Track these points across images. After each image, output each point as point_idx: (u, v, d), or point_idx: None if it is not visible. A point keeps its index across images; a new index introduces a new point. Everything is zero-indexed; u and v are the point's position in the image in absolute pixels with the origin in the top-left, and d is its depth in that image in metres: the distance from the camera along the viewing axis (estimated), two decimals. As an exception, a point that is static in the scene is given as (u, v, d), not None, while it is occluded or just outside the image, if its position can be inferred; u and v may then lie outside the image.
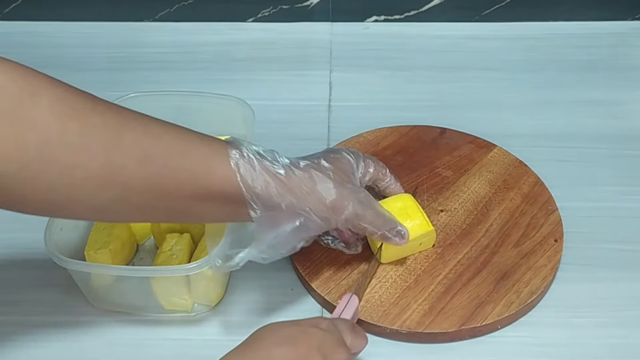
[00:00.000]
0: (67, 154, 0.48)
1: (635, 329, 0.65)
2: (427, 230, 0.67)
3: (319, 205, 0.58)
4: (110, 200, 0.51)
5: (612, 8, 1.02)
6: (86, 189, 0.49)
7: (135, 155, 0.50)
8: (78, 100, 0.49)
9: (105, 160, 0.49)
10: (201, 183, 0.53)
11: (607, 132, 0.85)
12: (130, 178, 0.50)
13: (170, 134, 0.53)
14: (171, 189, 0.52)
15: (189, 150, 0.53)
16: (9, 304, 0.68)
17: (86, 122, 0.49)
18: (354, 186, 0.61)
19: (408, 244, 0.67)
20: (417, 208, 0.68)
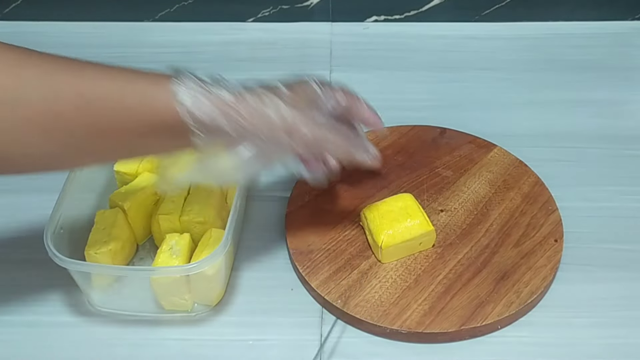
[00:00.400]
0: (6, 110, 0.48)
1: (635, 329, 0.65)
2: (427, 229, 0.67)
3: (272, 131, 0.55)
4: (55, 148, 0.51)
5: (612, 8, 1.02)
6: (31, 141, 0.50)
7: (73, 100, 0.50)
8: (10, 55, 0.49)
9: (44, 109, 0.49)
10: (142, 119, 0.52)
11: (607, 132, 0.85)
12: (71, 123, 0.50)
13: (107, 75, 0.52)
14: (114, 130, 0.52)
15: (127, 88, 0.52)
16: (10, 304, 0.68)
17: (20, 75, 0.49)
18: (316, 116, 0.58)
19: (408, 244, 0.67)
20: (418, 207, 0.68)
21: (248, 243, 0.73)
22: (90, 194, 0.73)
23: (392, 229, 0.67)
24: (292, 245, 0.70)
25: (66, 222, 0.65)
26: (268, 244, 0.73)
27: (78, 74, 0.51)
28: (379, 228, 0.67)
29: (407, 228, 0.67)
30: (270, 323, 0.66)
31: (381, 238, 0.67)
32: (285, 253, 0.71)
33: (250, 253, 0.72)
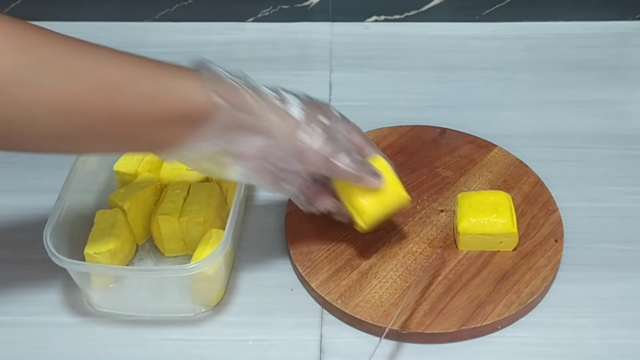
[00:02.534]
0: (23, 88, 0.48)
1: (635, 329, 0.65)
2: (510, 231, 0.67)
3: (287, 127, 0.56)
4: (69, 130, 0.51)
5: (612, 8, 1.02)
6: (44, 120, 0.49)
7: (91, 83, 0.50)
8: (30, 34, 0.49)
9: (61, 90, 0.49)
10: (159, 106, 0.52)
11: (607, 132, 0.85)
12: (88, 106, 0.50)
13: (126, 61, 0.53)
14: (130, 116, 0.52)
15: (146, 75, 0.53)
16: (9, 304, 0.68)
17: (39, 55, 0.48)
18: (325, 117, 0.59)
19: (486, 238, 0.67)
20: (509, 208, 0.68)
21: (248, 243, 0.73)
22: (90, 194, 0.73)
23: (475, 218, 0.67)
24: (292, 245, 0.70)
25: (66, 222, 0.65)
26: (268, 244, 0.73)
27: (97, 57, 0.51)
28: (464, 215, 0.68)
29: (490, 223, 0.67)
30: (270, 323, 0.65)
31: (462, 224, 0.67)
32: (285, 253, 0.71)
33: (250, 253, 0.72)
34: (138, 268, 0.69)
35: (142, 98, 0.52)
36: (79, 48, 0.51)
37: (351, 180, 0.61)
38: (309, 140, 0.57)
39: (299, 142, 0.57)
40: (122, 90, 0.51)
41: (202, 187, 0.72)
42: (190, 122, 0.54)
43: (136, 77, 0.52)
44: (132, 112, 0.52)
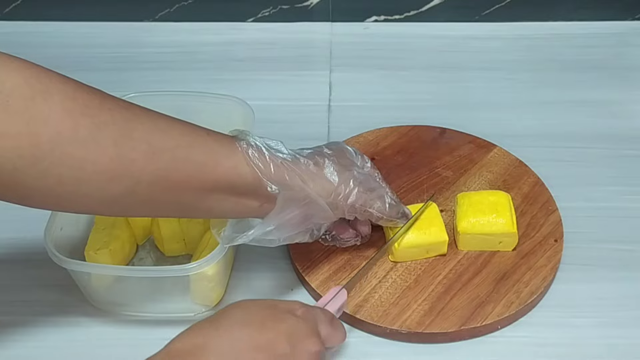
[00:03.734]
0: (78, 149, 0.49)
1: (635, 329, 0.65)
2: (509, 231, 0.67)
3: (326, 190, 0.60)
4: (118, 193, 0.52)
5: (612, 8, 1.02)
6: (95, 182, 0.51)
7: (143, 149, 0.52)
8: (88, 97, 0.50)
9: (114, 155, 0.50)
10: (208, 175, 0.55)
11: (607, 132, 0.85)
12: (139, 171, 0.52)
13: (177, 129, 0.55)
14: (179, 182, 0.54)
15: (196, 144, 0.55)
16: (9, 304, 0.68)
17: (96, 118, 0.50)
18: (357, 171, 0.62)
19: (486, 238, 0.68)
20: (509, 208, 0.68)
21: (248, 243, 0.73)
22: (90, 194, 0.73)
23: (475, 218, 0.67)
24: (292, 245, 0.70)
25: (66, 222, 0.65)
26: (268, 244, 0.73)
27: (150, 123, 0.53)
28: (464, 214, 0.68)
29: (489, 222, 0.67)
30: (270, 323, 0.65)
31: (461, 224, 0.67)
32: (285, 253, 0.71)
33: (250, 253, 0.72)
34: (138, 268, 0.69)
35: (191, 166, 0.54)
36: (136, 114, 0.53)
37: (383, 223, 0.66)
38: (346, 198, 0.61)
39: (337, 202, 0.61)
40: (172, 158, 0.53)
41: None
42: (237, 192, 0.56)
43: (186, 146, 0.54)
44: (181, 179, 0.54)
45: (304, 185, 0.58)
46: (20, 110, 0.47)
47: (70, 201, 0.52)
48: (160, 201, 0.55)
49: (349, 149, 0.65)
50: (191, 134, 0.55)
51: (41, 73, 0.49)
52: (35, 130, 0.47)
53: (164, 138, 0.53)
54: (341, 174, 0.61)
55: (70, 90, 0.50)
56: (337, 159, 0.62)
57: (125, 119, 0.52)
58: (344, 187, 0.60)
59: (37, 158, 0.48)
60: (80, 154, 0.49)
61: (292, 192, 0.58)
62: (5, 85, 0.47)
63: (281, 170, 0.57)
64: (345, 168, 0.62)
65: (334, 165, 0.61)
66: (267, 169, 0.57)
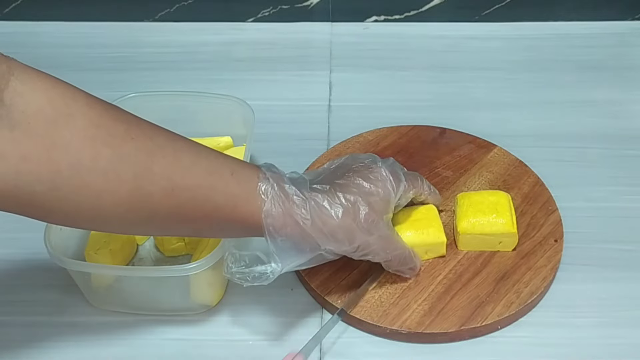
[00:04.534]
0: (97, 179, 0.48)
1: (635, 329, 0.65)
2: (509, 231, 0.67)
3: (337, 250, 0.59)
4: (135, 222, 0.52)
5: (612, 8, 1.02)
6: (112, 211, 0.50)
7: (163, 185, 0.51)
8: (112, 125, 0.50)
9: (134, 188, 0.50)
10: (225, 217, 0.55)
11: (607, 132, 0.85)
12: (157, 206, 0.51)
13: (200, 166, 0.53)
14: (194, 218, 0.54)
15: (218, 186, 0.54)
16: (9, 304, 0.68)
17: (118, 148, 0.49)
18: (381, 230, 0.60)
19: (486, 238, 0.68)
20: (509, 208, 0.68)
21: (248, 243, 0.73)
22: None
23: (475, 218, 0.67)
24: (292, 245, 0.70)
25: (66, 222, 0.65)
26: (268, 244, 0.73)
27: (172, 157, 0.52)
28: (464, 215, 0.68)
29: (489, 223, 0.67)
30: (270, 323, 0.66)
31: (461, 224, 0.67)
32: (285, 253, 0.71)
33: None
34: (138, 268, 0.69)
35: (209, 207, 0.54)
36: (159, 147, 0.52)
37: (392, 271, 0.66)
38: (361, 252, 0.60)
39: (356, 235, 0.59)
40: (191, 197, 0.53)
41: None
42: (252, 231, 0.56)
43: (206, 187, 0.53)
44: (196, 216, 0.54)
45: (316, 245, 0.57)
46: (41, 134, 0.46)
47: (88, 224, 0.53)
48: (175, 230, 0.56)
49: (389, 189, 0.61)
50: (214, 174, 0.54)
51: (67, 93, 0.48)
52: (55, 157, 0.47)
53: (185, 176, 0.52)
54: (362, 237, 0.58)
55: (95, 116, 0.49)
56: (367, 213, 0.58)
57: (148, 152, 0.51)
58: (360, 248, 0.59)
59: (55, 184, 0.47)
60: (98, 185, 0.49)
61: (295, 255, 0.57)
62: (30, 106, 0.46)
63: (295, 231, 0.56)
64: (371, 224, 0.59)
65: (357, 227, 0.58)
66: (281, 233, 0.55)
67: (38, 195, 0.47)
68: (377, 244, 0.60)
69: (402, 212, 0.68)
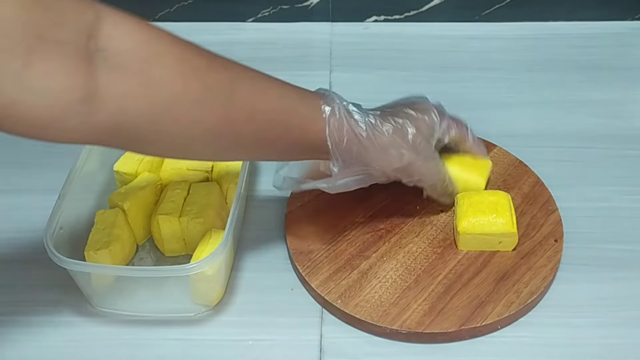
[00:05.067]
0: (190, 110, 0.52)
1: (635, 329, 0.65)
2: (509, 231, 0.67)
3: (389, 166, 0.64)
4: (224, 147, 0.57)
5: (612, 8, 1.02)
6: (203, 139, 0.55)
7: (246, 111, 0.56)
8: (196, 59, 0.54)
9: (220, 116, 0.54)
10: (296, 137, 0.60)
11: (607, 132, 0.85)
12: (241, 130, 0.56)
13: (274, 90, 0.59)
14: (271, 140, 0.59)
15: (291, 108, 0.59)
16: (9, 303, 0.68)
17: (205, 80, 0.53)
18: (427, 151, 0.66)
19: (486, 238, 0.68)
20: (509, 208, 0.69)
21: (248, 243, 0.73)
22: (90, 194, 0.73)
23: (475, 218, 0.68)
24: (292, 245, 0.70)
25: (66, 222, 0.65)
26: (268, 244, 0.73)
27: (251, 85, 0.57)
28: (464, 214, 0.68)
29: (489, 223, 0.67)
30: (270, 323, 0.66)
31: (461, 224, 0.68)
32: (285, 253, 0.71)
33: (250, 253, 0.72)
34: (138, 268, 0.69)
35: (284, 128, 0.59)
36: (238, 76, 0.56)
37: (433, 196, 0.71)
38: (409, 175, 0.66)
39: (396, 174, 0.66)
40: (269, 120, 0.58)
41: (202, 186, 0.72)
42: (320, 150, 0.62)
43: (281, 109, 0.59)
44: (274, 137, 0.59)
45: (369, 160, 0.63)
46: (136, 72, 0.49)
47: (182, 153, 0.58)
48: (253, 152, 0.61)
49: (433, 119, 0.66)
50: (286, 98, 0.59)
51: (154, 35, 0.52)
52: (152, 92, 0.50)
53: (263, 100, 0.57)
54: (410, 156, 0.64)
55: (181, 52, 0.53)
56: (414, 135, 0.64)
57: (230, 80, 0.55)
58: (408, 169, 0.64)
59: (154, 117, 0.51)
60: (191, 115, 0.52)
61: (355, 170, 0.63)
62: (123, 48, 0.49)
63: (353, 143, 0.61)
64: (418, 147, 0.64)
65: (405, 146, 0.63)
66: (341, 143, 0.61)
67: (138, 130, 0.51)
68: (424, 165, 0.65)
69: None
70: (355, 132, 0.61)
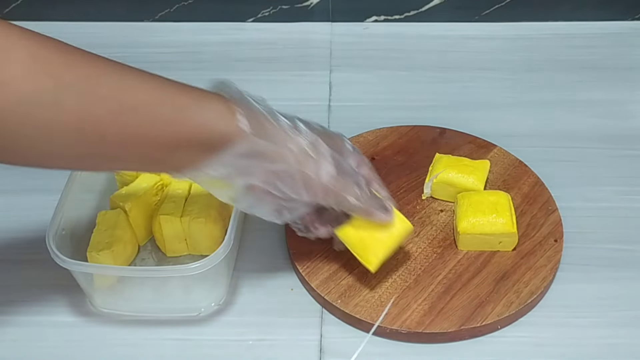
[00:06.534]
0: (42, 110, 0.47)
1: (635, 329, 0.65)
2: (509, 231, 0.67)
3: (299, 156, 0.57)
4: (87, 151, 0.51)
5: (612, 8, 1.02)
6: (63, 142, 0.50)
7: (111, 108, 0.50)
8: (52, 56, 0.49)
9: (80, 115, 0.49)
10: (176, 132, 0.53)
11: (607, 132, 0.85)
12: (105, 130, 0.50)
13: (146, 84, 0.53)
14: (147, 140, 0.52)
15: (165, 100, 0.53)
16: (10, 303, 0.68)
17: (61, 77, 0.48)
18: (339, 156, 0.60)
19: (486, 238, 0.68)
20: (509, 208, 0.69)
21: (248, 243, 0.73)
22: (91, 195, 0.73)
23: (475, 218, 0.68)
24: (292, 245, 0.70)
25: (68, 223, 0.66)
26: (268, 244, 0.73)
27: (119, 80, 0.51)
28: (464, 215, 0.68)
29: (489, 223, 0.67)
30: (270, 323, 0.66)
31: (461, 224, 0.68)
32: (285, 253, 0.72)
33: (250, 253, 0.72)
34: (140, 268, 0.69)
35: (160, 123, 0.52)
36: (104, 70, 0.51)
37: (360, 213, 0.61)
38: (320, 173, 0.58)
39: (311, 174, 0.57)
40: (140, 115, 0.51)
41: (203, 187, 0.72)
42: (208, 148, 0.54)
43: (155, 102, 0.52)
44: (149, 136, 0.52)
45: (282, 144, 0.56)
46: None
47: (40, 159, 0.51)
48: (128, 157, 0.53)
49: (345, 142, 0.62)
50: (161, 90, 0.53)
51: (3, 30, 0.47)
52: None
53: (132, 95, 0.51)
54: (320, 147, 0.58)
55: (34, 48, 0.48)
56: (323, 137, 0.58)
57: (92, 76, 0.50)
58: (320, 161, 0.57)
59: (2, 119, 0.46)
60: (45, 116, 0.48)
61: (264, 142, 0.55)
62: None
63: (260, 120, 0.55)
64: (325, 143, 0.58)
65: (314, 137, 0.58)
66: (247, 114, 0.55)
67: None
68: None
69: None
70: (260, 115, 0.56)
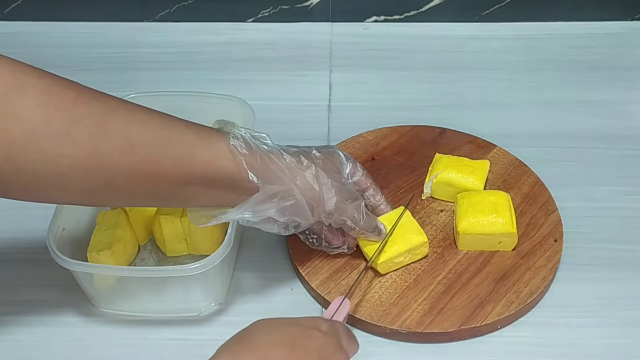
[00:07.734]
0: (53, 144, 0.49)
1: (635, 329, 0.65)
2: (509, 231, 0.67)
3: (305, 190, 0.59)
4: (95, 186, 0.52)
5: (612, 8, 1.02)
6: (71, 177, 0.50)
7: (120, 143, 0.51)
8: (63, 91, 0.50)
9: (90, 149, 0.50)
10: (185, 168, 0.54)
11: (607, 132, 0.85)
12: (115, 166, 0.51)
13: (154, 122, 0.54)
14: (155, 175, 0.53)
15: (174, 137, 0.54)
16: (10, 303, 0.68)
17: (71, 112, 0.49)
18: (340, 177, 0.62)
19: (486, 238, 0.68)
20: (509, 208, 0.69)
21: (248, 243, 0.73)
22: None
23: (475, 218, 0.67)
24: (292, 245, 0.70)
25: (68, 223, 0.65)
26: (268, 244, 0.73)
27: (127, 116, 0.53)
28: (464, 214, 0.68)
29: (489, 223, 0.67)
30: (271, 323, 0.65)
31: (461, 224, 0.68)
32: (285, 253, 0.71)
33: (250, 253, 0.72)
34: (140, 268, 0.69)
35: (168, 160, 0.54)
36: (113, 106, 0.52)
37: (356, 235, 0.66)
38: (324, 202, 0.60)
39: (315, 204, 0.60)
40: (149, 152, 0.53)
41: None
42: (213, 185, 0.56)
43: (163, 139, 0.54)
44: (157, 172, 0.53)
45: (290, 182, 0.58)
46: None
47: (48, 194, 0.52)
48: (137, 193, 0.55)
49: (340, 155, 0.64)
50: (169, 127, 0.55)
51: (15, 67, 0.48)
52: (9, 127, 0.47)
53: (141, 131, 0.53)
54: (321, 180, 0.60)
55: (45, 85, 0.49)
56: (322, 162, 0.61)
57: (102, 112, 0.51)
58: (323, 193, 0.60)
59: (11, 154, 0.47)
60: (54, 150, 0.49)
61: (275, 187, 0.58)
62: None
63: (267, 162, 0.57)
64: (328, 175, 0.61)
65: (317, 170, 0.60)
66: (254, 160, 0.57)
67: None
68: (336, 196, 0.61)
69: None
70: (264, 154, 0.58)
